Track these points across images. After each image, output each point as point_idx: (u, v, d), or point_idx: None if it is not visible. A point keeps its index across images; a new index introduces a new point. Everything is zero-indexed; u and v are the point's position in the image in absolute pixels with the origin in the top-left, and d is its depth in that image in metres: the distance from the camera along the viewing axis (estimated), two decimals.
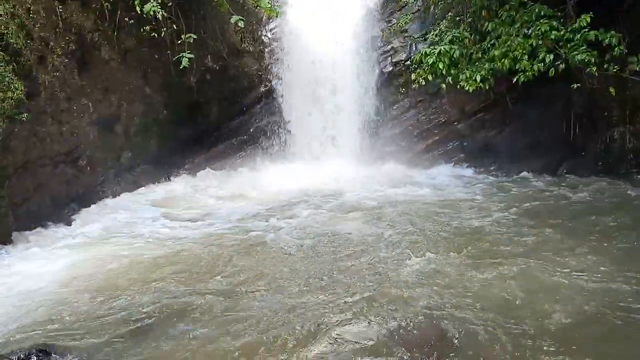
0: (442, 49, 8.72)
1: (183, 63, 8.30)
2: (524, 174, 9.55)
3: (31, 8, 7.19)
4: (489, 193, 8.31)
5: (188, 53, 8.36)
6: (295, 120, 10.85)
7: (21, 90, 6.48)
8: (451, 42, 8.89)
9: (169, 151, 9.98)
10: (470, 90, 8.74)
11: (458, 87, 8.95)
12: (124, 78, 8.93)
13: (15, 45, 6.64)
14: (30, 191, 6.83)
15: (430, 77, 9.06)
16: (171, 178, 9.76)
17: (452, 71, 8.83)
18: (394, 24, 11.01)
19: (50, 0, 7.61)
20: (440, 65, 8.70)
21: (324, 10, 10.91)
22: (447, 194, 8.34)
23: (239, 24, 8.72)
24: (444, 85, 9.15)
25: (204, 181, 9.69)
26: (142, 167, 9.34)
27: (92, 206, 7.87)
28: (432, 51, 8.84)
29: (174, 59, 8.62)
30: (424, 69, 9.05)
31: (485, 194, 8.26)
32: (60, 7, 7.76)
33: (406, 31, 10.83)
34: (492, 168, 10.10)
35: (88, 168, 7.97)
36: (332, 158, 10.48)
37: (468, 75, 8.64)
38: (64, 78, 7.69)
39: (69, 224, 7.10)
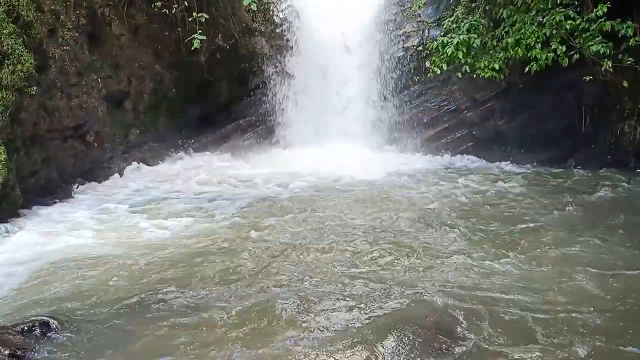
0: (461, 38, 8.59)
1: (195, 44, 8.29)
2: (533, 163, 9.51)
3: None
4: (493, 181, 8.28)
5: (199, 33, 8.34)
6: (303, 103, 10.80)
7: (31, 63, 6.48)
8: (469, 30, 8.75)
9: (177, 129, 9.98)
10: (485, 77, 8.64)
11: (474, 75, 8.85)
12: (134, 54, 8.91)
13: (26, 17, 6.62)
14: (38, 164, 6.86)
15: (445, 66, 8.95)
16: (179, 156, 9.75)
17: (469, 60, 8.72)
18: (407, 8, 10.88)
19: None
20: (460, 55, 8.59)
21: None
22: (454, 181, 8.30)
23: (252, 7, 8.68)
24: (459, 74, 9.04)
25: (209, 161, 9.69)
26: (150, 144, 9.36)
27: (100, 182, 7.92)
28: (450, 41, 8.71)
29: (186, 40, 8.59)
30: (439, 58, 8.93)
31: (489, 182, 8.23)
32: None
33: (419, 16, 10.70)
34: (500, 157, 10.02)
35: (96, 144, 7.98)
36: (339, 141, 10.42)
37: (486, 64, 8.55)
38: (74, 52, 7.68)
39: (75, 198, 7.13)
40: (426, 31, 10.51)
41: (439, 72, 9.11)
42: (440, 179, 8.53)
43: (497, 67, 8.47)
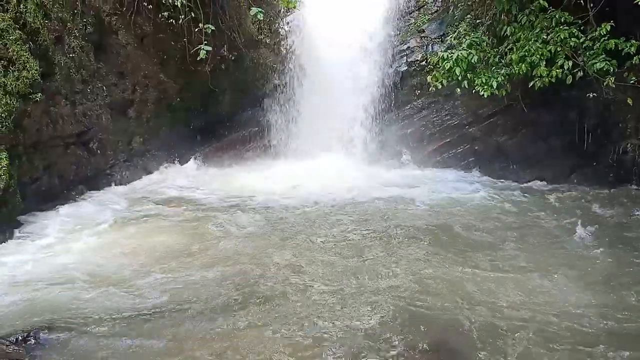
0: (460, 54, 8.64)
1: (201, 55, 8.34)
2: (534, 181, 9.49)
3: None
4: (494, 197, 8.25)
5: (205, 44, 8.39)
6: (306, 116, 10.82)
7: (36, 70, 6.51)
8: (469, 46, 8.81)
9: (180, 138, 10.00)
10: (486, 95, 8.68)
11: (473, 92, 8.89)
12: (139, 63, 8.96)
13: (32, 24, 6.67)
14: (40, 171, 6.87)
15: (445, 82, 8.99)
16: (181, 165, 9.76)
17: (469, 75, 8.76)
18: (411, 23, 10.94)
19: None
20: (457, 71, 8.63)
21: (342, 5, 10.88)
22: (453, 197, 8.28)
23: (258, 17, 8.73)
24: (458, 90, 9.09)
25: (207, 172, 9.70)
26: (152, 152, 9.37)
27: (101, 190, 7.93)
28: (450, 56, 8.77)
29: (192, 50, 8.64)
30: (440, 73, 8.98)
31: (490, 198, 8.20)
32: None
33: (423, 31, 10.76)
34: (501, 173, 10.01)
35: (99, 151, 8.01)
36: (341, 155, 10.42)
37: (484, 81, 8.57)
38: (80, 60, 7.73)
39: (75, 206, 7.11)
40: (430, 46, 10.55)
41: (439, 87, 9.14)
42: (441, 193, 8.50)
43: (494, 85, 8.48)
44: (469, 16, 9.82)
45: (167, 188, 8.36)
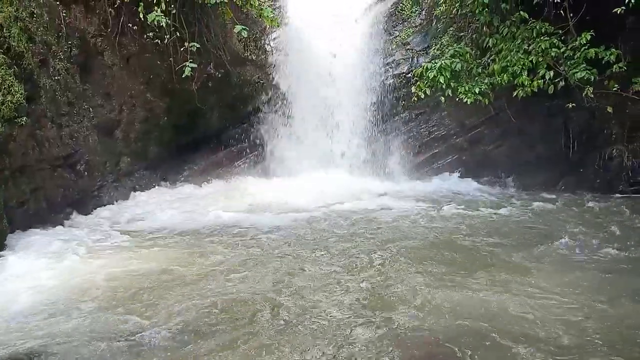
0: (443, 62, 8.75)
1: (186, 72, 8.36)
2: (522, 188, 9.57)
3: (35, 12, 7.24)
4: (483, 207, 8.29)
5: (191, 62, 8.42)
6: (294, 131, 10.87)
7: (21, 94, 6.49)
8: (452, 56, 8.93)
9: (168, 157, 10.00)
10: (469, 102, 8.78)
11: (457, 99, 8.99)
12: (125, 83, 8.96)
13: (17, 48, 6.67)
14: (27, 195, 6.83)
15: (428, 91, 9.10)
16: (169, 184, 9.74)
17: (452, 84, 8.87)
18: (396, 36, 11.06)
19: (54, 5, 7.69)
20: (442, 80, 8.74)
21: (327, 21, 10.99)
22: (441, 207, 8.30)
23: (243, 34, 8.79)
24: (443, 99, 9.19)
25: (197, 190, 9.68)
26: (140, 172, 9.36)
27: (90, 211, 7.89)
28: (433, 65, 8.88)
29: (177, 68, 8.67)
30: (424, 83, 9.09)
31: (479, 207, 8.23)
32: (64, 11, 7.83)
33: (408, 44, 10.87)
34: (490, 182, 10.10)
35: (86, 173, 7.97)
36: (329, 170, 10.46)
37: (467, 89, 8.68)
38: (65, 82, 7.73)
39: (62, 229, 7.05)
40: (415, 59, 10.67)
41: (422, 96, 9.25)
42: (430, 204, 8.53)
43: (477, 90, 8.59)
44: (451, 29, 9.97)
45: (156, 209, 8.30)
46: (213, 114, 10.59)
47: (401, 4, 11.15)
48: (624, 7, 7.43)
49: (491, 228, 7.01)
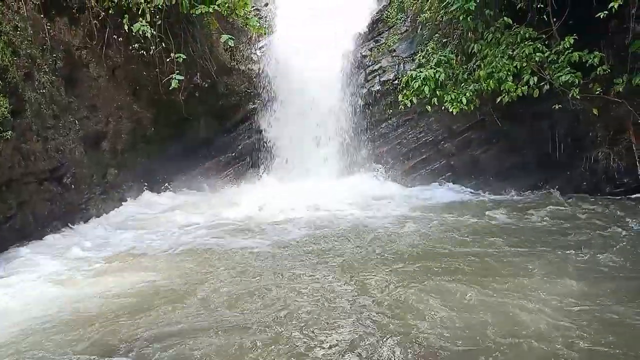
0: (427, 73, 8.83)
1: (172, 84, 8.35)
2: (511, 191, 9.62)
3: (19, 25, 7.19)
4: (472, 210, 8.33)
5: (177, 73, 8.42)
6: (282, 138, 10.87)
7: (6, 108, 6.44)
8: (437, 64, 9.00)
9: (156, 168, 9.95)
10: (454, 112, 8.86)
11: (443, 108, 9.07)
12: (112, 95, 8.93)
13: (1, 62, 6.61)
14: (14, 209, 6.76)
15: (414, 100, 9.16)
16: (157, 196, 9.68)
17: (438, 92, 8.94)
18: (382, 43, 11.10)
19: (38, 18, 7.64)
20: (426, 89, 8.81)
21: (314, 29, 11.01)
22: (431, 213, 8.33)
23: (229, 43, 8.80)
24: (429, 107, 9.26)
25: (185, 200, 9.61)
26: (128, 184, 9.30)
27: (77, 224, 7.81)
28: (418, 75, 8.95)
29: (164, 80, 8.64)
30: (410, 92, 9.15)
31: (466, 212, 8.26)
32: (48, 24, 7.79)
33: (394, 51, 10.92)
34: (478, 186, 10.14)
35: (73, 186, 7.90)
36: (317, 177, 10.45)
37: (453, 97, 8.75)
38: (51, 95, 7.67)
39: (48, 243, 6.98)
40: (401, 65, 10.70)
41: (409, 105, 9.30)
42: (420, 210, 8.56)
43: (464, 100, 8.67)
44: (437, 35, 10.02)
45: (144, 220, 8.26)
46: (200, 124, 10.57)
47: (387, 12, 11.20)
48: (606, 12, 7.52)
49: (480, 233, 7.05)
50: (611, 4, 7.39)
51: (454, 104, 8.75)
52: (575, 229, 7.05)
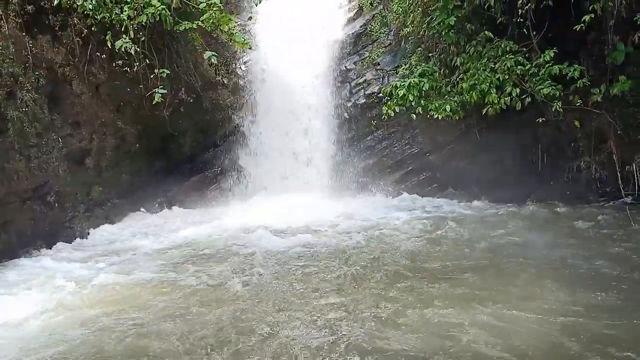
0: (412, 81, 8.92)
1: (156, 99, 8.32)
2: (496, 202, 9.69)
3: (0, 44, 7.14)
4: (456, 223, 8.35)
5: (161, 88, 8.40)
6: (267, 154, 10.88)
7: None
8: (421, 75, 9.09)
9: (141, 184, 9.89)
10: (440, 117, 8.95)
11: (428, 116, 9.15)
12: (95, 111, 8.88)
13: None
14: None
15: (397, 109, 9.25)
16: (142, 213, 9.61)
17: (422, 102, 9.03)
18: (366, 57, 11.19)
19: (20, 36, 7.60)
20: (410, 97, 8.90)
21: (298, 44, 11.09)
22: (417, 225, 8.35)
23: (212, 60, 8.80)
24: (414, 116, 9.34)
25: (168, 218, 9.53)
26: (113, 201, 9.22)
27: (61, 242, 7.71)
28: (403, 84, 9.04)
29: (147, 94, 8.62)
30: (393, 101, 9.23)
31: (453, 224, 8.28)
32: (30, 42, 7.74)
33: (378, 64, 11.01)
34: (464, 197, 10.21)
35: (57, 204, 7.80)
36: (302, 192, 10.46)
37: (437, 105, 8.85)
38: (34, 113, 7.60)
39: (31, 263, 6.87)
40: (386, 78, 10.79)
41: (393, 114, 9.39)
42: (406, 222, 8.57)
43: (448, 108, 8.78)
44: (420, 48, 10.13)
45: (128, 238, 8.16)
46: (186, 139, 10.55)
47: (370, 25, 11.30)
48: (582, 25, 7.67)
49: (467, 244, 7.09)
50: (584, 17, 7.54)
51: (439, 110, 8.85)
52: (560, 237, 7.14)
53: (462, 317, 4.62)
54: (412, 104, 9.15)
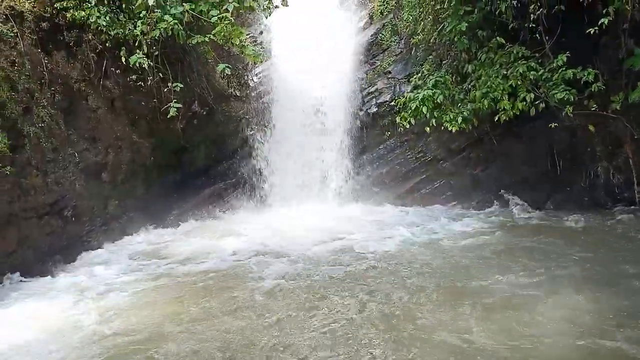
0: (425, 93, 8.90)
1: (171, 113, 8.39)
2: (512, 209, 9.59)
3: (16, 60, 7.26)
4: (472, 231, 8.31)
5: (175, 102, 8.46)
6: (281, 164, 10.89)
7: (4, 144, 6.47)
8: (434, 85, 9.07)
9: (156, 197, 9.91)
10: (454, 130, 8.90)
11: (442, 128, 9.12)
12: (110, 126, 8.95)
13: None
14: (14, 245, 6.73)
15: (413, 121, 9.23)
16: (158, 225, 9.65)
17: (436, 113, 9.00)
18: (377, 65, 11.20)
19: (35, 53, 7.71)
20: (424, 110, 8.88)
21: (310, 54, 11.12)
22: (433, 234, 8.31)
23: (226, 72, 8.87)
24: (428, 128, 9.32)
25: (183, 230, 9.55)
26: (129, 214, 9.27)
27: (79, 257, 7.75)
28: (416, 96, 9.03)
29: (162, 109, 8.70)
30: (407, 113, 9.21)
31: (468, 232, 8.25)
32: (45, 58, 7.85)
33: (390, 73, 11.02)
34: (479, 204, 10.13)
35: (73, 218, 7.88)
36: (317, 202, 10.46)
37: (451, 117, 8.81)
38: (50, 128, 7.69)
39: (52, 277, 6.94)
40: (397, 87, 10.79)
41: (408, 126, 9.38)
42: (422, 230, 8.54)
43: (459, 120, 8.74)
44: (431, 56, 10.12)
45: (144, 252, 8.18)
46: (199, 152, 10.60)
47: (381, 34, 11.32)
48: (597, 28, 7.61)
49: (485, 251, 7.04)
50: (601, 21, 7.47)
51: (452, 123, 8.82)
52: (580, 245, 7.05)
53: None
54: (426, 116, 9.14)
